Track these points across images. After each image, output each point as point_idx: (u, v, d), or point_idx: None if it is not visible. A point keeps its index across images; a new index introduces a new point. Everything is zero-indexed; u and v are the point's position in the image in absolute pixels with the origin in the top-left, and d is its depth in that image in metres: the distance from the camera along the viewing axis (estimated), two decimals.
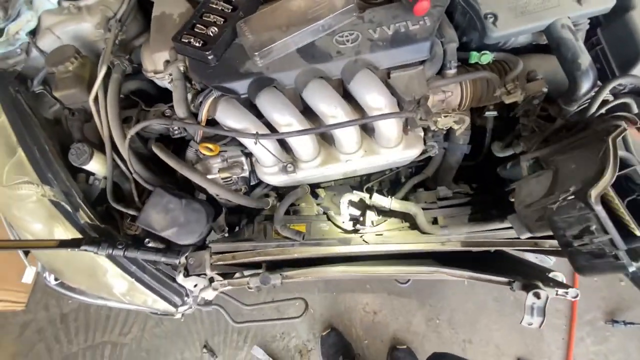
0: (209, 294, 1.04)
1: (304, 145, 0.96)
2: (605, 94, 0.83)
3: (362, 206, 1.10)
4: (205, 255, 0.99)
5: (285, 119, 0.90)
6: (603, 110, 0.81)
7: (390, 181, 1.36)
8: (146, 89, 1.19)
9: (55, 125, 1.11)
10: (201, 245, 1.04)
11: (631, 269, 0.56)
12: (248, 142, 0.94)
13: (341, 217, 1.07)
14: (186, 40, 0.91)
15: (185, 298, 1.07)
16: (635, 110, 0.79)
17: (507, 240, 0.90)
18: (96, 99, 1.00)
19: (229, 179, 1.05)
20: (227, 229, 1.02)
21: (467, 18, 0.94)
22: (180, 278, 1.00)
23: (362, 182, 1.32)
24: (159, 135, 1.13)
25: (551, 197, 0.63)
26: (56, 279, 1.11)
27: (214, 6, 0.95)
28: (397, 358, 1.56)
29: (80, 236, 0.94)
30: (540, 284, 0.86)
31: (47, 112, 1.12)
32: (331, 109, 0.90)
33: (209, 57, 0.90)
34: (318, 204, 1.18)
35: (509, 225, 0.91)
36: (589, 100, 0.87)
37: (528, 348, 1.61)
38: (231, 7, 0.95)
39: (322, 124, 0.93)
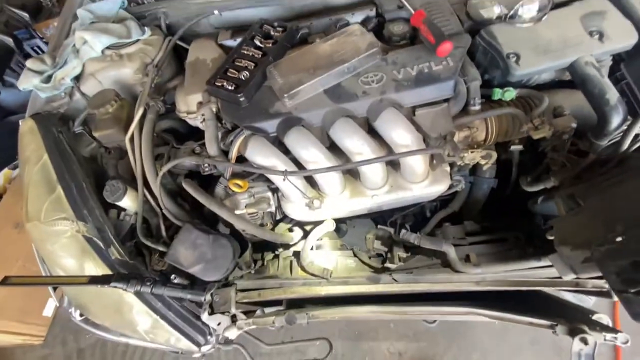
0: (233, 333, 1.01)
1: (331, 181, 0.96)
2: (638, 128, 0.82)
3: (389, 242, 1.08)
4: (230, 292, 0.98)
5: (313, 156, 0.92)
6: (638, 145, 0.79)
7: (414, 215, 1.34)
8: (177, 127, 1.25)
9: (91, 163, 1.17)
10: (225, 282, 1.03)
11: None
12: (276, 179, 0.96)
13: (367, 253, 1.05)
14: (219, 84, 0.96)
15: (208, 337, 1.04)
16: None
17: (546, 280, 0.86)
18: (132, 138, 1.05)
19: (255, 215, 1.06)
20: (253, 265, 1.01)
21: (489, 57, 0.96)
22: (205, 316, 0.99)
23: (384, 216, 1.31)
24: (188, 171, 1.16)
25: (598, 239, 0.60)
26: (81, 315, 1.11)
27: (245, 52, 1.01)
28: None
29: (109, 272, 0.95)
30: (586, 328, 0.81)
31: (84, 150, 1.18)
32: (358, 146, 0.92)
33: (241, 99, 0.94)
34: (342, 239, 1.16)
35: (547, 263, 0.87)
36: (620, 134, 0.86)
37: None
38: (261, 52, 1.01)
39: (349, 161, 0.94)
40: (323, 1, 1.19)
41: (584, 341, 0.79)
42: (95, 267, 0.95)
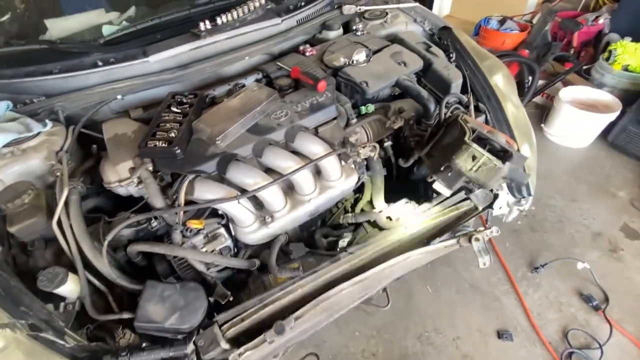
0: None
1: (275, 196, 1.16)
2: (444, 109, 1.35)
3: (333, 235, 1.30)
4: (214, 329, 0.98)
5: (256, 179, 1.11)
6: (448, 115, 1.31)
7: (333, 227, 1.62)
8: (101, 205, 1.23)
9: None
10: (204, 325, 1.02)
11: (505, 168, 0.98)
12: (228, 207, 1.09)
13: (321, 250, 1.24)
14: (152, 145, 1.08)
15: None
16: (463, 110, 1.32)
17: (445, 210, 1.24)
18: (59, 222, 1.01)
19: (212, 252, 1.13)
20: (229, 293, 1.05)
21: (350, 88, 1.41)
22: None
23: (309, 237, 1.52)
24: (127, 241, 1.15)
25: (449, 159, 1.02)
26: None
27: (167, 117, 1.18)
28: None
29: None
30: (475, 232, 1.20)
31: None
32: (287, 162, 1.16)
33: (177, 152, 1.08)
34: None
35: (441, 199, 1.26)
36: (437, 115, 1.38)
37: (499, 319, 1.87)
38: (182, 114, 1.19)
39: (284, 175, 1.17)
40: (217, 75, 1.49)
41: (477, 239, 1.16)
42: None
